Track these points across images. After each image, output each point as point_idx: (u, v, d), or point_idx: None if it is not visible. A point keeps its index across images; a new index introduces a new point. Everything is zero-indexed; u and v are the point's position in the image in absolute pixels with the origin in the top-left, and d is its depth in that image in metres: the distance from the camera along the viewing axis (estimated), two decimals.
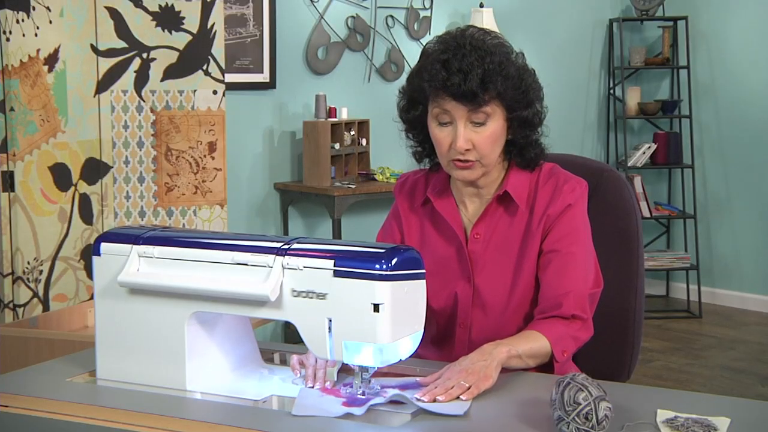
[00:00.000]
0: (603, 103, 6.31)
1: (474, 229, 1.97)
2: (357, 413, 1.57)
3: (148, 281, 1.70)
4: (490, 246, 1.96)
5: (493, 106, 1.87)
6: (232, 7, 4.76)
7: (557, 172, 1.98)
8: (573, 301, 1.86)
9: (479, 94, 1.83)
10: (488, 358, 1.70)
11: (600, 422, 1.43)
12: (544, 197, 1.94)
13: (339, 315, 1.58)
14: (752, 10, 5.82)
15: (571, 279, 1.88)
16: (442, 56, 1.85)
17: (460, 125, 1.86)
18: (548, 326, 1.84)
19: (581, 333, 1.88)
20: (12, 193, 3.39)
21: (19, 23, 3.39)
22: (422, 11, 5.47)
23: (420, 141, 2.01)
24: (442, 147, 1.90)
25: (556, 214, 1.91)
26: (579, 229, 1.92)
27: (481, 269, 1.95)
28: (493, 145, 1.89)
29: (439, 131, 1.89)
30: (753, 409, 1.65)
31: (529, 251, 1.93)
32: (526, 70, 1.92)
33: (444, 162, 1.93)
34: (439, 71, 1.84)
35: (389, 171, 5.00)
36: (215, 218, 3.96)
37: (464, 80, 1.82)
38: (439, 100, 1.87)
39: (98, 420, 1.56)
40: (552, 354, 1.82)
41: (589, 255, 1.94)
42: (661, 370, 4.74)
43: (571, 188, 1.94)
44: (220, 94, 3.91)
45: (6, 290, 3.40)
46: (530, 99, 1.91)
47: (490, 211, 1.97)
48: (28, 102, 3.43)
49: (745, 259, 5.96)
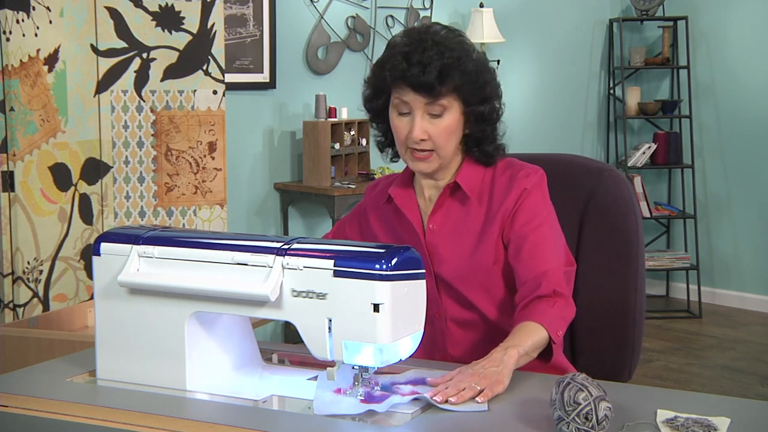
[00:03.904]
0: (603, 103, 6.31)
1: (429, 219, 2.03)
2: (379, 410, 1.57)
3: (148, 281, 1.70)
4: (445, 236, 2.01)
5: (450, 99, 1.93)
6: (232, 7, 4.76)
7: (513, 163, 2.03)
8: (551, 278, 1.90)
9: (436, 86, 1.90)
10: (500, 365, 1.70)
11: (600, 422, 1.43)
12: (501, 186, 1.99)
13: (339, 315, 1.58)
14: (752, 10, 5.82)
15: (543, 259, 1.92)
16: (405, 48, 1.94)
17: (417, 116, 1.93)
18: (537, 311, 1.85)
19: (566, 311, 1.90)
20: (12, 193, 3.39)
21: (19, 23, 3.39)
22: (422, 11, 5.47)
23: (383, 131, 2.08)
24: (399, 136, 1.98)
25: (514, 201, 1.96)
26: (542, 213, 1.96)
27: (440, 259, 2.01)
28: (449, 137, 1.96)
29: (399, 121, 1.97)
30: (753, 409, 1.65)
31: (486, 238, 1.97)
32: (485, 68, 1.99)
33: (402, 151, 2.00)
34: (400, 62, 1.92)
35: (389, 171, 5.00)
36: (215, 218, 3.96)
37: (423, 72, 1.90)
38: (400, 91, 1.94)
39: (98, 420, 1.56)
40: (549, 338, 1.83)
41: (557, 236, 1.98)
42: (661, 370, 4.74)
43: (526, 174, 1.98)
44: (220, 94, 3.91)
45: (6, 290, 3.40)
46: (487, 95, 1.98)
47: (442, 202, 2.02)
48: (28, 102, 3.43)
49: (745, 259, 5.96)
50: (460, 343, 2.02)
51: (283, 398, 1.68)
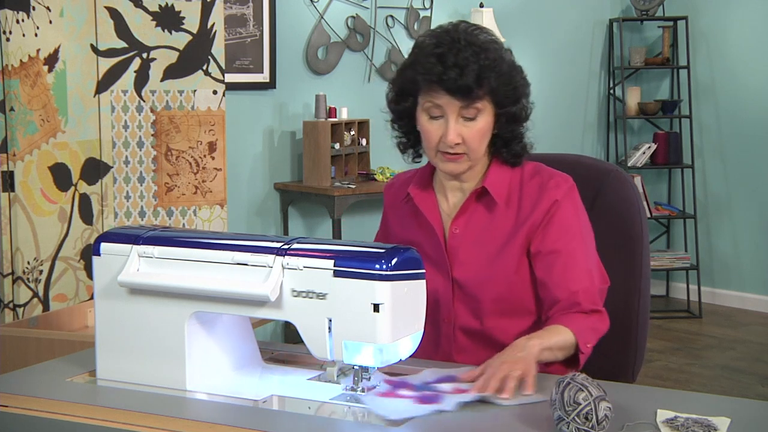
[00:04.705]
0: (603, 103, 6.31)
1: (453, 223, 1.98)
2: (449, 409, 1.56)
3: (148, 281, 1.70)
4: (468, 240, 1.96)
5: (485, 101, 1.89)
6: (232, 7, 4.76)
7: (542, 169, 1.99)
8: (587, 297, 1.87)
9: (474, 90, 1.85)
10: (524, 350, 1.70)
11: (600, 422, 1.43)
12: (530, 194, 1.95)
13: (339, 315, 1.58)
14: (752, 10, 5.82)
15: (578, 278, 1.88)
16: (437, 50, 1.87)
17: (452, 119, 1.88)
18: (570, 319, 1.84)
19: (600, 324, 1.88)
20: (12, 193, 3.39)
21: (19, 23, 3.39)
22: (422, 11, 5.47)
23: (405, 132, 2.04)
24: (431, 139, 1.92)
25: (544, 212, 1.91)
26: (573, 226, 1.92)
27: (460, 264, 1.96)
28: (482, 140, 1.92)
29: (429, 124, 1.91)
30: (753, 409, 1.65)
31: (510, 246, 1.93)
32: (515, 67, 1.96)
33: (431, 154, 1.95)
34: (435, 65, 1.86)
35: (389, 171, 4.99)
36: (215, 218, 3.96)
37: (460, 75, 1.84)
38: (433, 93, 1.88)
39: (98, 420, 1.56)
40: (577, 346, 1.82)
41: (589, 251, 1.93)
42: (661, 370, 4.74)
43: (556, 184, 1.94)
44: (220, 94, 3.91)
45: (6, 290, 3.40)
46: (519, 95, 1.95)
47: (468, 206, 1.98)
48: (28, 102, 3.43)
49: (745, 259, 5.96)
50: (466, 350, 1.97)
51: (283, 398, 1.68)
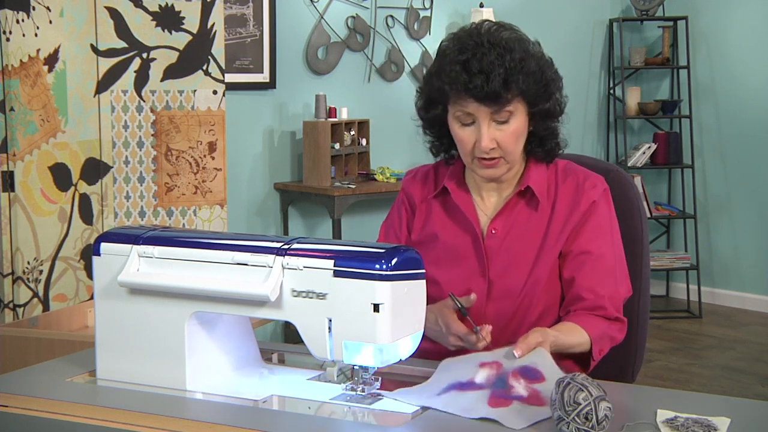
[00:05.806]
0: (603, 103, 6.31)
1: (492, 224, 1.95)
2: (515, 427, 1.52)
3: (148, 281, 1.70)
4: (506, 241, 1.94)
5: (516, 103, 1.85)
6: (232, 7, 4.76)
7: (574, 168, 1.97)
8: (613, 304, 1.88)
9: (502, 94, 1.80)
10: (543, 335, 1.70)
11: (600, 422, 1.43)
12: (567, 195, 1.93)
13: (339, 315, 1.58)
14: (752, 11, 5.82)
15: (606, 283, 1.88)
16: (461, 57, 1.82)
17: (484, 125, 1.84)
18: (592, 323, 1.84)
19: (619, 334, 1.89)
20: (12, 193, 3.39)
21: (19, 23, 3.39)
22: (422, 11, 5.47)
23: (438, 136, 1.99)
24: (466, 147, 1.88)
25: (582, 214, 1.90)
26: (607, 230, 1.92)
27: (497, 264, 1.93)
28: (517, 141, 1.88)
29: (462, 132, 1.87)
30: (753, 409, 1.65)
31: (548, 247, 1.91)
32: (544, 62, 1.90)
33: (467, 160, 1.91)
34: (460, 73, 1.81)
35: (389, 171, 4.99)
36: (215, 218, 3.96)
37: (486, 82, 1.79)
38: (461, 102, 1.84)
39: (98, 420, 1.56)
40: (590, 351, 1.82)
41: (619, 257, 1.93)
42: (661, 370, 4.74)
43: (593, 185, 1.93)
44: (220, 94, 3.91)
45: (6, 290, 3.40)
46: (551, 91, 1.90)
47: (510, 207, 1.95)
48: (28, 102, 3.43)
49: (745, 259, 5.96)
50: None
51: (283, 398, 1.68)
